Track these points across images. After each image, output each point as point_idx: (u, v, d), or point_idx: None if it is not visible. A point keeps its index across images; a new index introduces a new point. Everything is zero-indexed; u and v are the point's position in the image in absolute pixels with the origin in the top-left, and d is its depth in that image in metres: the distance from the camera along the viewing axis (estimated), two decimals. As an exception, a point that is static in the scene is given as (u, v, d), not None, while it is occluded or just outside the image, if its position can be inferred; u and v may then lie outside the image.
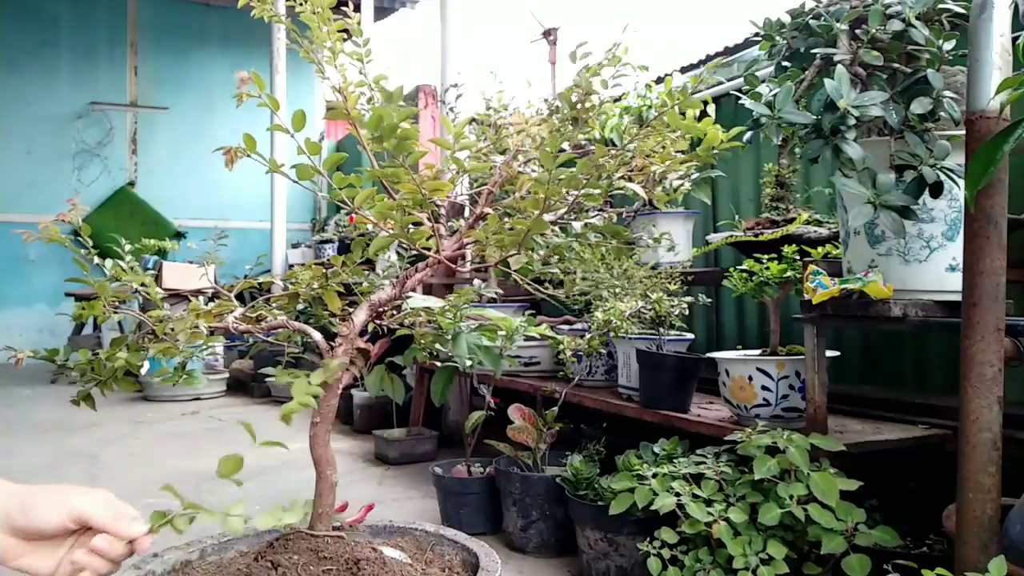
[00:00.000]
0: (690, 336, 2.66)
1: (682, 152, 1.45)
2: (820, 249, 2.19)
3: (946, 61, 1.82)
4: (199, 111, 8.95)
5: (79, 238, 1.49)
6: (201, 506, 0.98)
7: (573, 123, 1.36)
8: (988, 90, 1.49)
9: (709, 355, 2.40)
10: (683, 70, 3.96)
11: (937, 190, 1.66)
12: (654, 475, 1.99)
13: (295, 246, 7.38)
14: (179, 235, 8.27)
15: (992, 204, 1.50)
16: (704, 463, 2.01)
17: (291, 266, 6.91)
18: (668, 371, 2.44)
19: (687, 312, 2.55)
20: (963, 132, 1.61)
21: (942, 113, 1.73)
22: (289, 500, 1.17)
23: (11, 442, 4.29)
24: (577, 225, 1.48)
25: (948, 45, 1.80)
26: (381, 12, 9.07)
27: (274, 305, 1.56)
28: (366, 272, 1.66)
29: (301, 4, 1.33)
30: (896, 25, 1.78)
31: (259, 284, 1.79)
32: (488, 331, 1.60)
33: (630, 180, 1.41)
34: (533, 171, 1.40)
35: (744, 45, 3.68)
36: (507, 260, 1.33)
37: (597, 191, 1.31)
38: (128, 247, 1.60)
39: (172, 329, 1.42)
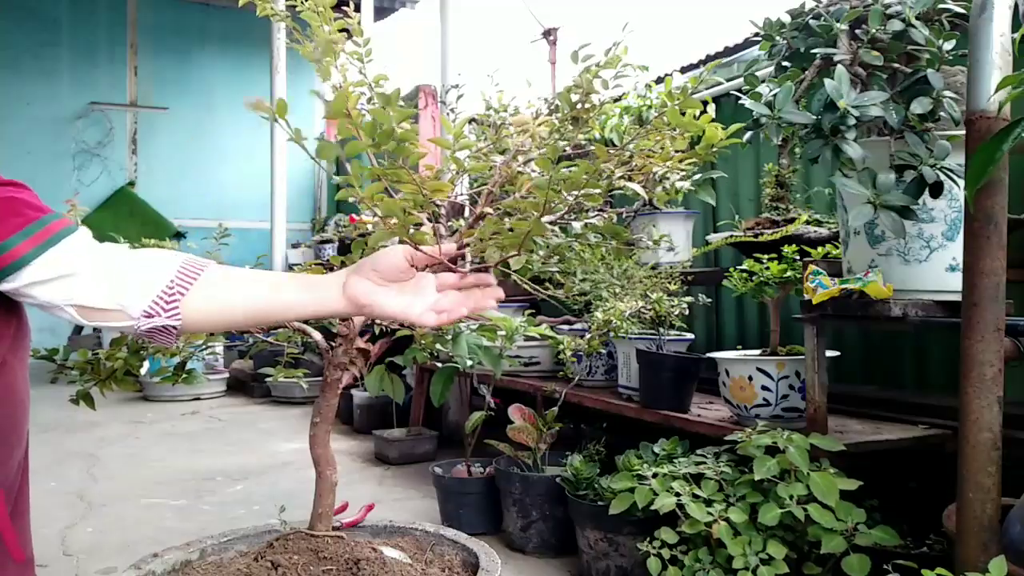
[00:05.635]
0: (690, 336, 2.66)
1: (681, 151, 1.44)
2: (820, 249, 2.19)
3: (946, 61, 1.81)
4: (199, 111, 8.94)
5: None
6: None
7: (573, 123, 1.36)
8: (988, 90, 1.49)
9: (709, 355, 2.40)
10: (683, 70, 3.96)
11: (937, 190, 1.66)
12: (654, 475, 1.99)
13: (295, 246, 7.38)
14: (179, 235, 8.26)
15: (992, 204, 1.50)
16: (704, 463, 2.01)
17: (291, 266, 6.91)
18: (668, 371, 2.44)
19: (687, 312, 2.55)
20: (963, 132, 1.60)
21: (942, 113, 1.72)
22: (290, 500, 1.17)
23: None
24: (577, 225, 1.48)
25: (948, 45, 1.79)
26: (381, 12, 9.06)
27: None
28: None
29: (302, 2, 1.33)
30: (896, 25, 1.78)
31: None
32: (488, 331, 1.60)
33: (630, 180, 1.41)
34: (533, 171, 1.40)
35: (744, 45, 3.67)
36: (507, 260, 1.33)
37: (597, 191, 1.31)
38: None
39: (172, 329, 1.42)
